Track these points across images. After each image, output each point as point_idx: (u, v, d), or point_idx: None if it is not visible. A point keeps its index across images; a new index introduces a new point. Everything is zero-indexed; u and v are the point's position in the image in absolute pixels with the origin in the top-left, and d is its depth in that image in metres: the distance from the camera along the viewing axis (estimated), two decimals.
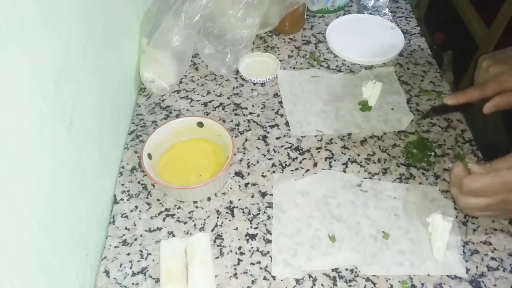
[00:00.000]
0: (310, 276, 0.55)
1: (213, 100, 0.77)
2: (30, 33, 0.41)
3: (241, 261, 0.57)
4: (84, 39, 0.55)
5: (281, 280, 0.55)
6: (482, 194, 0.51)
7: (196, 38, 0.77)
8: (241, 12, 0.77)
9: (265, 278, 0.55)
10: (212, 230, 0.60)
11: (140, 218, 0.61)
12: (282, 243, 0.58)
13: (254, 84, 0.80)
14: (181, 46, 0.76)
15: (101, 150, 0.61)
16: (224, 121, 0.73)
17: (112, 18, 0.66)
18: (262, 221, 0.61)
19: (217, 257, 0.57)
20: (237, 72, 0.81)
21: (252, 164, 0.67)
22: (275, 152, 0.69)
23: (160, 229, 0.60)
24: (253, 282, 0.55)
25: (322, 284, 0.55)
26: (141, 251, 0.58)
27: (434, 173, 0.65)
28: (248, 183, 0.65)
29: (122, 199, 0.63)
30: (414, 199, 0.62)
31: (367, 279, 0.55)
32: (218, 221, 0.61)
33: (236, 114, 0.74)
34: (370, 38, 0.87)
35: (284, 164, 0.67)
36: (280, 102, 0.76)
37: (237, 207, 0.62)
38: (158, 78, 0.76)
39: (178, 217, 0.61)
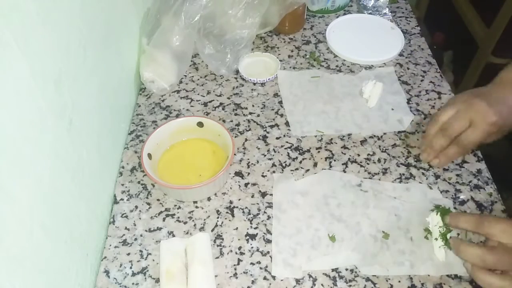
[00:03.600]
0: (310, 276, 0.55)
1: (213, 100, 0.77)
2: (30, 33, 0.41)
3: (241, 261, 0.57)
4: (84, 39, 0.55)
5: (281, 280, 0.55)
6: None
7: (196, 38, 0.77)
8: (241, 12, 0.77)
9: (265, 278, 0.55)
10: (212, 230, 0.60)
11: (140, 218, 0.61)
12: (282, 243, 0.58)
13: (254, 84, 0.80)
14: (181, 46, 0.76)
15: (101, 150, 0.61)
16: (224, 121, 0.73)
17: (112, 18, 0.66)
18: (262, 221, 0.61)
19: (217, 257, 0.57)
20: (237, 72, 0.81)
21: (252, 164, 0.67)
22: (275, 152, 0.69)
23: (160, 229, 0.60)
24: (253, 282, 0.55)
25: (322, 284, 0.55)
26: (141, 251, 0.58)
27: (434, 173, 0.65)
28: (248, 183, 0.65)
29: (122, 199, 0.63)
30: (414, 199, 0.62)
31: (367, 279, 0.55)
32: (218, 221, 0.61)
33: (236, 114, 0.74)
34: (370, 38, 0.87)
35: (284, 164, 0.67)
36: (280, 102, 0.76)
37: (237, 207, 0.62)
38: (158, 78, 0.76)
39: (178, 217, 0.61)
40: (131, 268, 0.56)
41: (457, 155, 0.64)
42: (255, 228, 0.60)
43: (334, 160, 0.67)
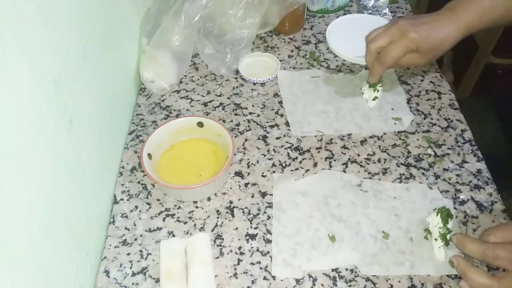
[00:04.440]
0: (310, 276, 0.55)
1: (213, 100, 0.77)
2: (30, 33, 0.41)
3: (241, 261, 0.57)
4: (84, 39, 0.55)
5: (281, 280, 0.55)
6: None
7: (196, 38, 0.77)
8: (241, 12, 0.77)
9: (265, 278, 0.55)
10: (212, 230, 0.60)
11: (140, 218, 0.61)
12: (282, 243, 0.58)
13: (254, 84, 0.80)
14: (181, 46, 0.76)
15: (101, 150, 0.61)
16: (224, 121, 0.73)
17: (112, 18, 0.66)
18: (262, 221, 0.61)
19: (217, 257, 0.57)
20: (237, 72, 0.81)
21: (252, 164, 0.67)
22: (275, 152, 0.69)
23: (160, 229, 0.60)
24: (253, 282, 0.55)
25: (322, 284, 0.55)
26: (141, 251, 0.58)
27: (434, 173, 0.65)
28: (248, 183, 0.65)
29: (122, 199, 0.63)
30: (414, 199, 0.62)
31: (367, 279, 0.55)
32: (218, 221, 0.61)
33: (236, 114, 0.74)
34: None
35: (284, 164, 0.67)
36: (280, 102, 0.76)
37: (237, 207, 0.62)
38: (158, 78, 0.76)
39: (178, 217, 0.61)
40: (131, 268, 0.56)
41: (380, 70, 0.67)
42: (255, 228, 0.60)
43: (334, 160, 0.67)
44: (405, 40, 0.62)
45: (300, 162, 0.67)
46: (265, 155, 0.68)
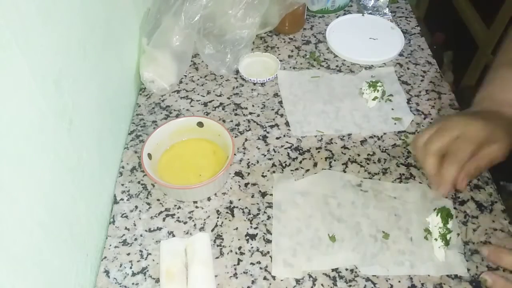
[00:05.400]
0: (310, 276, 0.55)
1: (213, 100, 0.77)
2: (30, 33, 0.41)
3: (241, 261, 0.57)
4: (84, 39, 0.55)
5: (281, 280, 0.55)
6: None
7: (196, 38, 0.77)
8: (241, 12, 0.77)
9: (265, 278, 0.55)
10: (212, 230, 0.60)
11: (140, 218, 0.61)
12: (282, 243, 0.58)
13: (254, 84, 0.80)
14: (181, 46, 0.76)
15: (101, 150, 0.61)
16: (224, 121, 0.73)
17: (112, 18, 0.66)
18: (262, 221, 0.61)
19: (217, 257, 0.57)
20: (237, 72, 0.81)
21: (252, 164, 0.67)
22: (275, 152, 0.69)
23: (160, 229, 0.60)
24: (253, 282, 0.55)
25: (322, 284, 0.55)
26: (141, 251, 0.58)
27: None
28: (248, 183, 0.65)
29: (122, 199, 0.63)
30: (414, 199, 0.62)
31: (367, 279, 0.55)
32: (218, 221, 0.61)
33: (236, 114, 0.74)
34: (370, 38, 0.87)
35: (284, 164, 0.67)
36: (280, 102, 0.76)
37: (237, 207, 0.62)
38: (158, 78, 0.76)
39: (178, 217, 0.61)
40: (131, 268, 0.56)
41: (453, 172, 0.55)
42: (255, 228, 0.60)
43: (334, 160, 0.67)
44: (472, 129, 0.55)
45: (300, 162, 0.67)
46: (265, 155, 0.68)
